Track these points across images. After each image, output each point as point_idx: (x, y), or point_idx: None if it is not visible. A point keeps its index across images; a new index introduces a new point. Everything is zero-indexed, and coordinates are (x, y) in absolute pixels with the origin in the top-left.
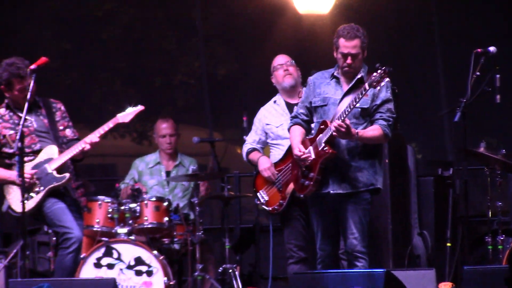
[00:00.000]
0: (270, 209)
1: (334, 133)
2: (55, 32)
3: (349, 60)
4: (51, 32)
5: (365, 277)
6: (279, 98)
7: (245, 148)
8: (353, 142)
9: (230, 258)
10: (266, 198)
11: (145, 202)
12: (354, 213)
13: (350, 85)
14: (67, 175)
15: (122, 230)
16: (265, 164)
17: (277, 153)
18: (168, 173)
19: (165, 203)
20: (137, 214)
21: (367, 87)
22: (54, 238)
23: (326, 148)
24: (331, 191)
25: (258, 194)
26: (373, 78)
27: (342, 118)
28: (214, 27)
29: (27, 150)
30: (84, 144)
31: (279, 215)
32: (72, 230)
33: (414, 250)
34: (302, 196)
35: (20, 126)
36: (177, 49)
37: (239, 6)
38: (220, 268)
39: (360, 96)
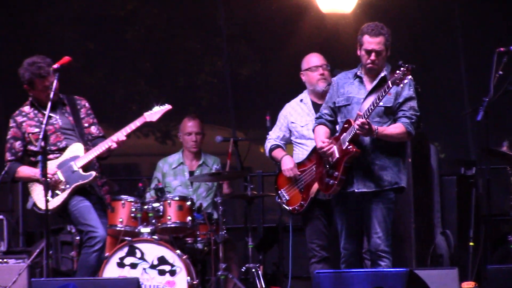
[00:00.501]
0: (290, 208)
1: (357, 131)
2: (79, 32)
3: (372, 57)
4: (74, 32)
5: (388, 276)
6: (306, 97)
7: (268, 144)
8: (378, 141)
9: (253, 257)
10: (287, 197)
11: (169, 201)
12: (378, 212)
13: (374, 84)
14: (93, 173)
15: (145, 230)
16: (288, 164)
17: (300, 153)
18: (191, 173)
19: (188, 203)
20: (161, 214)
21: (390, 85)
22: (77, 238)
23: (350, 146)
24: (356, 190)
25: (279, 192)
26: (396, 75)
27: (366, 116)
28: (238, 26)
29: (52, 148)
30: (111, 142)
31: (301, 215)
32: (97, 229)
33: (437, 249)
34: (327, 195)
35: (43, 126)
36: (200, 48)
37: (262, 6)
38: (243, 268)
39: (384, 94)
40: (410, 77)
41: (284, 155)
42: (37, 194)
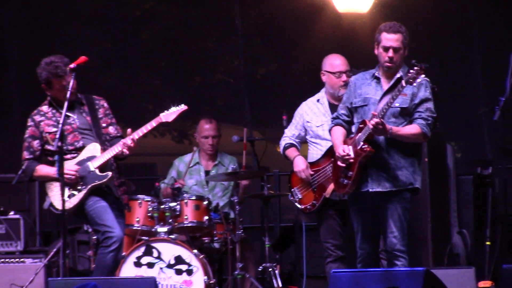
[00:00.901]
0: (303, 207)
1: (371, 131)
2: (95, 31)
3: (390, 53)
4: (91, 31)
5: (405, 276)
6: (323, 97)
7: (283, 142)
8: (393, 141)
9: (270, 257)
10: (300, 196)
11: (185, 201)
12: (393, 212)
13: (390, 84)
14: (109, 173)
15: (162, 229)
16: (300, 166)
17: (315, 152)
18: (207, 173)
19: (205, 202)
20: (177, 213)
21: (404, 84)
22: (94, 237)
23: (365, 146)
24: (370, 190)
25: (292, 190)
26: (409, 75)
27: (380, 116)
28: (254, 26)
29: (69, 147)
30: (122, 147)
31: (316, 214)
32: (113, 229)
33: (454, 248)
34: (340, 195)
35: (60, 125)
36: (216, 48)
37: (278, 5)
38: (260, 267)
39: (398, 94)
40: (423, 76)
41: (296, 156)
42: (54, 195)
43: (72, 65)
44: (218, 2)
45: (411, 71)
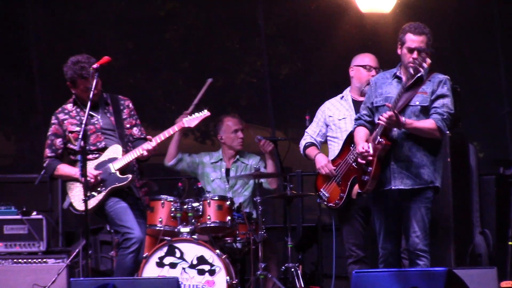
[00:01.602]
0: (333, 204)
1: (385, 123)
2: (119, 32)
3: (415, 55)
4: (114, 32)
5: (427, 276)
6: (347, 94)
7: (303, 141)
8: (414, 138)
9: (292, 257)
10: (327, 195)
11: (208, 201)
12: (416, 211)
13: (410, 82)
14: (130, 176)
15: (184, 229)
16: (322, 162)
17: (336, 149)
18: (227, 170)
19: (228, 202)
20: (200, 213)
21: (412, 72)
22: (116, 237)
23: (382, 139)
24: (393, 187)
25: (319, 193)
26: (416, 61)
27: (393, 107)
28: (277, 26)
29: (92, 147)
30: (142, 150)
31: (338, 213)
32: (133, 231)
33: (476, 248)
34: (363, 192)
35: (83, 126)
36: (239, 48)
37: (301, 6)
38: (282, 267)
39: (407, 83)
40: (429, 61)
41: (317, 153)
42: (74, 195)
43: (95, 65)
44: (241, 3)
45: (417, 57)
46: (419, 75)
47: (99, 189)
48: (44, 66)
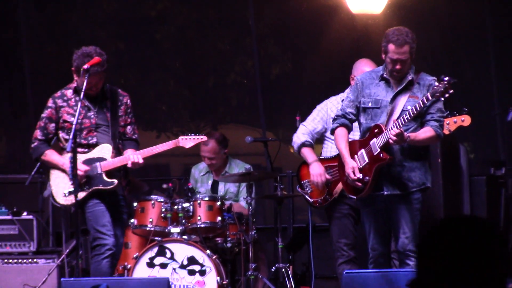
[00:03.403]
0: (312, 201)
1: (391, 141)
2: (109, 32)
3: (398, 66)
4: (105, 32)
5: None
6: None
7: (303, 138)
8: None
9: (283, 257)
10: (311, 189)
11: (198, 201)
12: (406, 212)
13: (401, 86)
14: (115, 181)
15: (175, 230)
16: (318, 170)
17: (330, 149)
18: (215, 182)
19: (218, 203)
20: (190, 214)
21: (429, 97)
22: (89, 237)
23: (382, 154)
24: (385, 193)
25: (302, 182)
26: (436, 88)
27: (399, 126)
28: (268, 27)
29: (83, 141)
30: (128, 161)
31: (328, 213)
32: (106, 237)
33: None
34: (355, 198)
35: (74, 126)
36: (230, 49)
37: (292, 6)
38: (273, 268)
39: (422, 106)
40: (452, 91)
41: (314, 161)
42: (56, 185)
43: (85, 66)
44: (232, 3)
45: (439, 84)
46: (409, 78)
47: (83, 187)
48: (36, 67)
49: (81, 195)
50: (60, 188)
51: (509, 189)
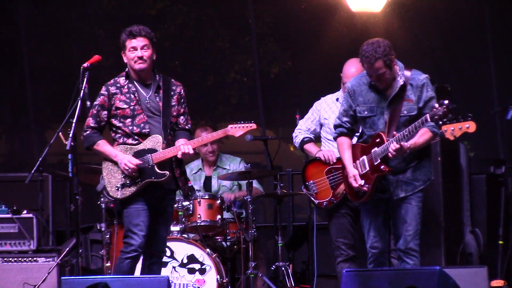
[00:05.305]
0: (318, 202)
1: (390, 155)
2: (109, 30)
3: (378, 82)
4: (105, 30)
5: (418, 275)
6: (341, 97)
7: (300, 136)
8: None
9: (283, 256)
10: (316, 190)
11: (198, 200)
12: (407, 210)
13: (394, 93)
14: (167, 173)
15: (175, 228)
16: (328, 152)
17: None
18: (207, 178)
19: (218, 201)
20: (190, 212)
21: (428, 119)
22: (107, 236)
23: (383, 166)
24: (395, 198)
25: (307, 183)
26: (435, 111)
27: (399, 140)
28: (267, 25)
29: (135, 129)
30: (177, 150)
31: (327, 212)
32: (136, 237)
33: (466, 247)
34: (358, 204)
35: (74, 122)
36: (230, 47)
37: (292, 5)
38: (273, 266)
39: (420, 125)
40: (450, 115)
41: (318, 151)
42: (109, 180)
43: (85, 64)
44: (231, 2)
45: (438, 107)
46: (401, 83)
47: (135, 179)
48: (35, 66)
49: (133, 189)
50: (113, 183)
51: (509, 188)
